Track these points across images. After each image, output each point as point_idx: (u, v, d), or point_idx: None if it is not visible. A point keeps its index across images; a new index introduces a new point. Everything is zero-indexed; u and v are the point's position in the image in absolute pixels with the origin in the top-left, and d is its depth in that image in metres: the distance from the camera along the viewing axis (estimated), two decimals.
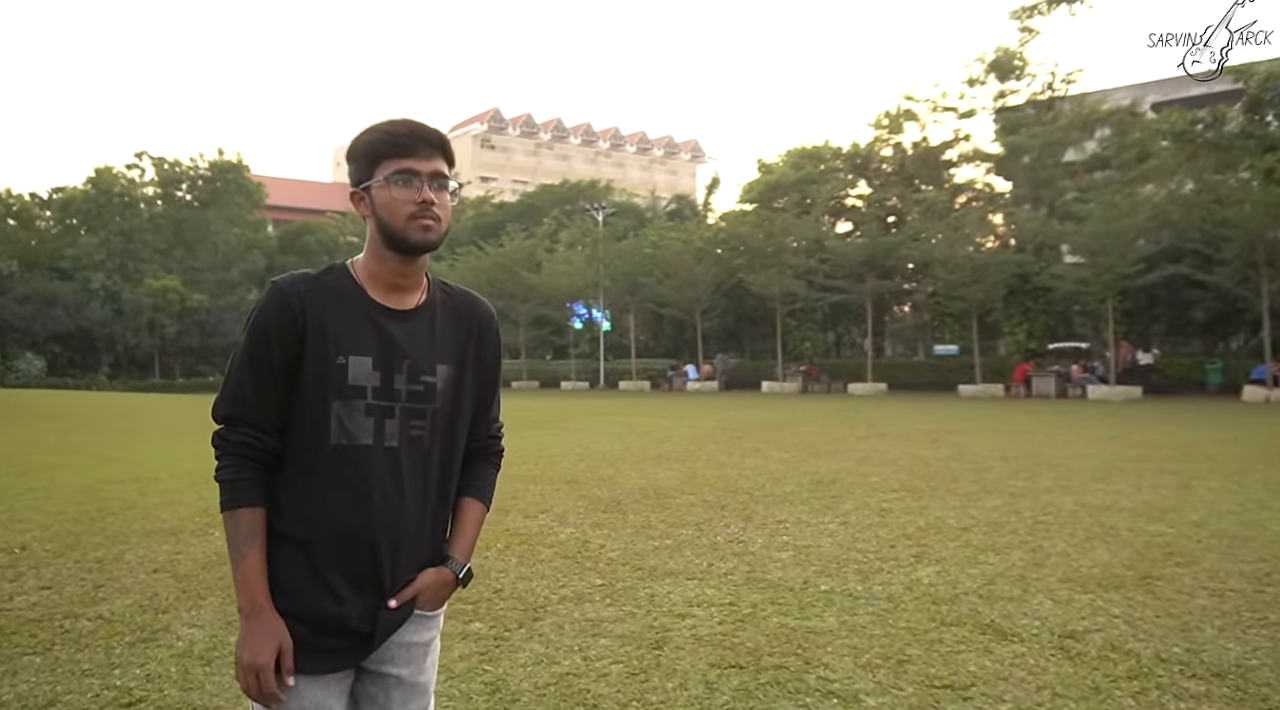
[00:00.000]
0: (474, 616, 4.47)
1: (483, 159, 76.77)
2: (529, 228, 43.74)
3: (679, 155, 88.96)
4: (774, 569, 5.38)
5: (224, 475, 1.58)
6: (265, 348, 1.58)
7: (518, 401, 27.83)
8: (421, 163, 1.59)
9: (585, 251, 40.07)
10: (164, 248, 42.36)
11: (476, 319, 1.77)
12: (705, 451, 11.85)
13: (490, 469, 1.88)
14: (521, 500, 7.89)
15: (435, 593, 1.69)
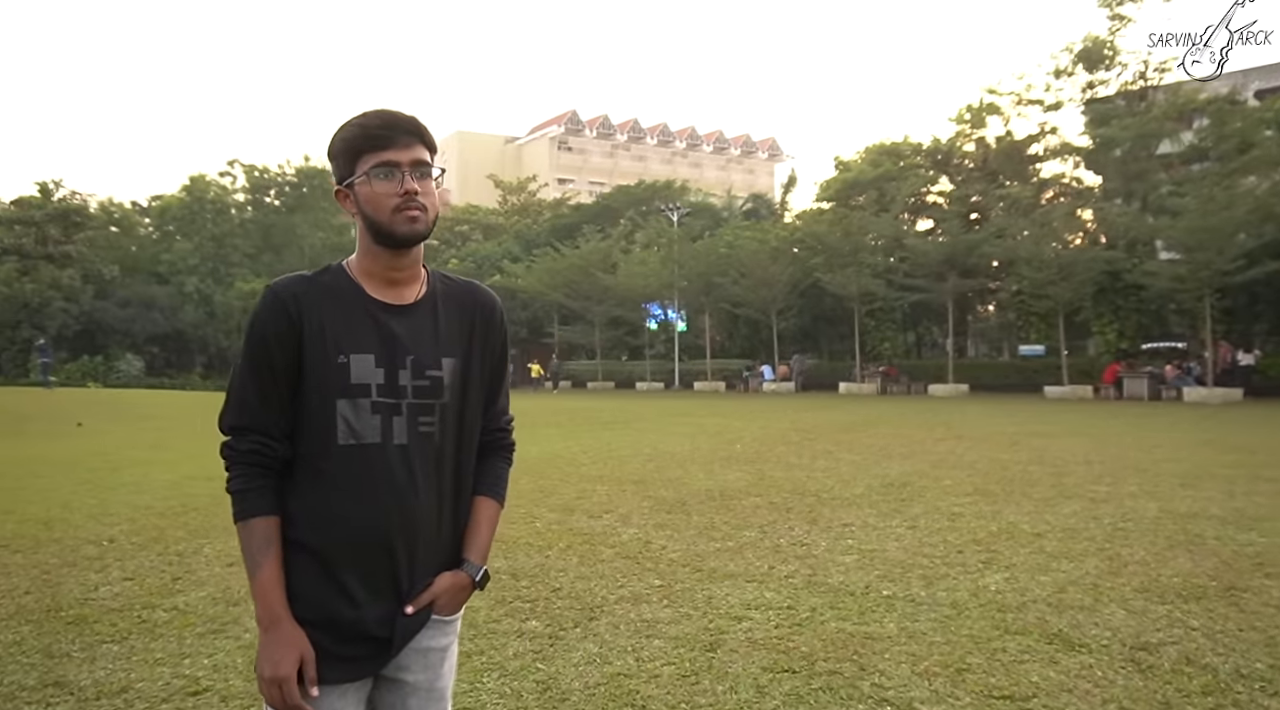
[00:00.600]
0: (531, 615, 4.51)
1: (560, 161, 77.51)
2: (604, 229, 44.02)
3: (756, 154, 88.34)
4: (835, 573, 5.29)
5: (235, 486, 1.56)
6: (265, 353, 1.56)
7: (591, 402, 28.04)
8: (400, 153, 1.56)
9: (660, 252, 40.12)
10: (253, 252, 43.95)
11: (480, 308, 1.72)
12: (775, 453, 11.74)
13: (502, 464, 1.83)
14: (587, 500, 7.93)
15: (452, 597, 1.65)
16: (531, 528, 6.68)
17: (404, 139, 1.57)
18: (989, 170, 35.70)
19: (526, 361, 44.67)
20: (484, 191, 64.28)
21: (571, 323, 43.65)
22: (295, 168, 43.98)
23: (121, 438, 14.93)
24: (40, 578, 5.26)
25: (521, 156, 78.40)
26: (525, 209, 59.13)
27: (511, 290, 43.25)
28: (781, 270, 34.18)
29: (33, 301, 36.59)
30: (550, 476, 9.51)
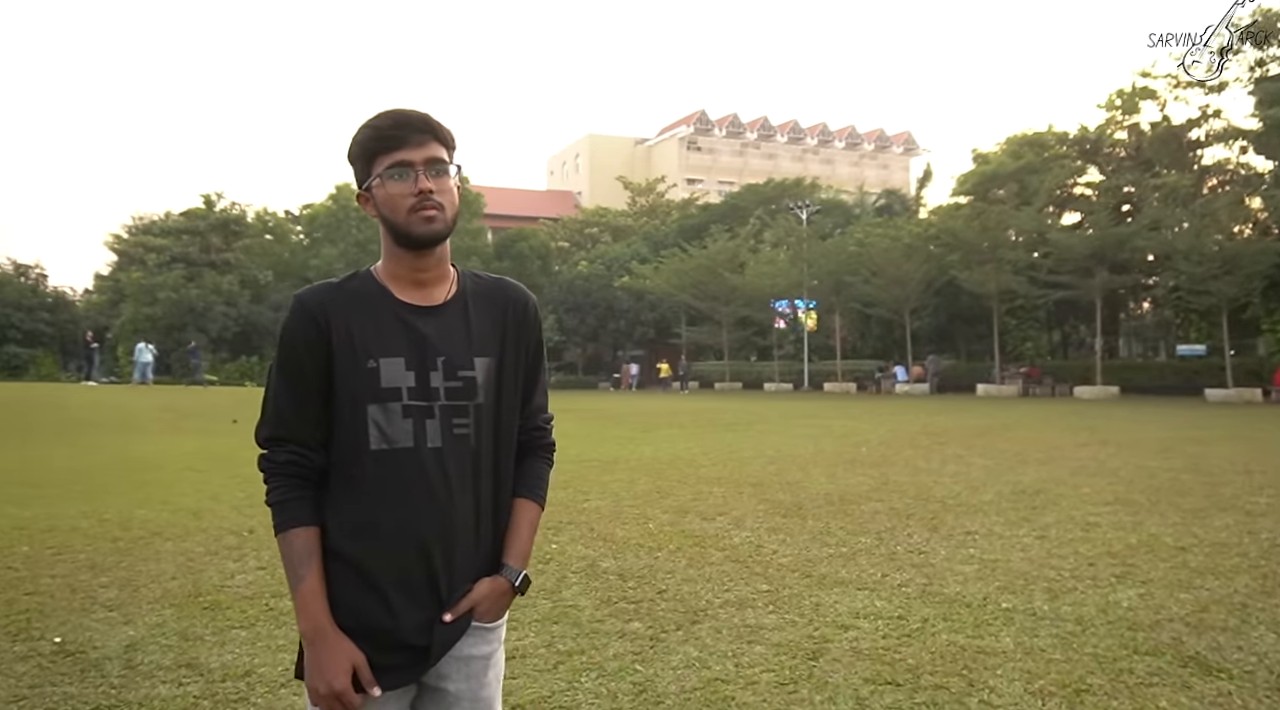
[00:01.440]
0: (634, 616, 4.52)
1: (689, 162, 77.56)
2: (732, 228, 43.82)
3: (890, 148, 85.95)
4: (953, 582, 5.08)
5: (274, 497, 1.56)
6: (296, 363, 1.56)
7: (716, 403, 27.93)
8: (413, 152, 1.53)
9: (789, 251, 39.64)
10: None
11: (512, 304, 1.68)
12: (902, 457, 11.38)
13: (541, 464, 1.77)
14: (703, 502, 7.89)
15: (493, 604, 1.62)
16: (644, 529, 6.71)
17: (416, 137, 1.54)
18: (1142, 159, 33.59)
19: (655, 362, 44.98)
20: (614, 193, 65.07)
21: (699, 323, 43.66)
22: None
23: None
24: (185, 564, 5.64)
25: (651, 158, 78.91)
26: (654, 210, 59.53)
27: (639, 291, 43.64)
28: (915, 268, 33.19)
29: (197, 305, 39.44)
30: (668, 478, 9.52)
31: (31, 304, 44.87)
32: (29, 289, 46.36)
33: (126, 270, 44.10)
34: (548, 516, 7.05)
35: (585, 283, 45.88)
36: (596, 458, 11.42)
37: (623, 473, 9.96)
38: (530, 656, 3.95)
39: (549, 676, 3.72)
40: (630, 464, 10.77)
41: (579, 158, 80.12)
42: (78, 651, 4.02)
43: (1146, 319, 38.15)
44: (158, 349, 36.81)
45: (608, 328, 46.41)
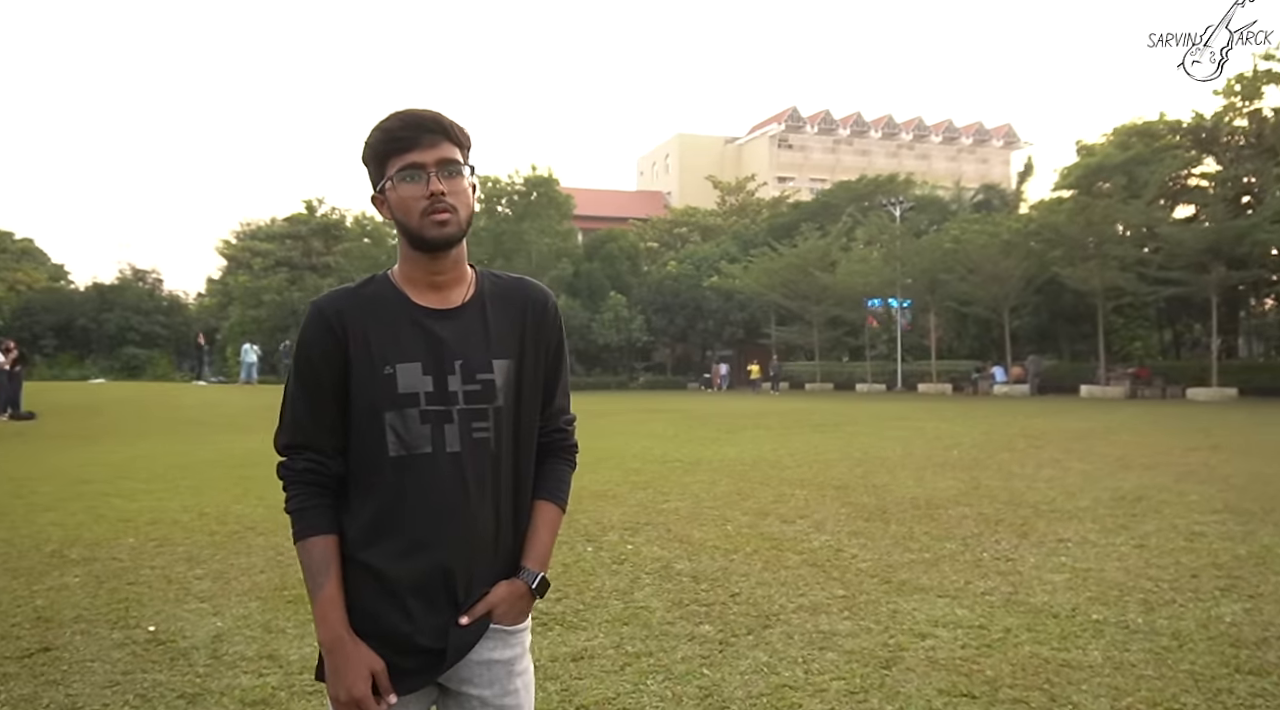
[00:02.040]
0: (705, 619, 4.47)
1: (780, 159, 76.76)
2: (823, 226, 43.15)
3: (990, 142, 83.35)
4: (1040, 592, 4.87)
5: (292, 506, 1.56)
6: (312, 371, 1.56)
7: (805, 404, 27.58)
8: (425, 153, 1.51)
9: (882, 249, 38.83)
10: (485, 259, 46.83)
11: (530, 303, 1.65)
12: (996, 460, 11.01)
13: (563, 466, 1.74)
14: (783, 505, 7.78)
15: (510, 606, 1.58)
16: (721, 531, 6.64)
17: (428, 138, 1.51)
18: (1265, 146, 31.62)
19: (746, 363, 44.65)
20: (703, 193, 64.90)
21: (789, 323, 43.16)
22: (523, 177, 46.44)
23: None
24: (274, 558, 5.83)
25: (741, 156, 78.40)
26: (743, 209, 59.12)
27: (728, 291, 43.38)
28: (1015, 265, 32.10)
29: (299, 308, 40.96)
30: (750, 479, 9.42)
31: (149, 307, 47.37)
32: (146, 293, 48.98)
33: (235, 274, 46.19)
34: (625, 517, 7.10)
35: (674, 283, 45.84)
36: (679, 459, 11.39)
37: (705, 474, 9.91)
38: (598, 657, 3.94)
39: (615, 678, 3.70)
40: (713, 465, 10.71)
41: (669, 158, 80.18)
42: (169, 640, 4.20)
43: (1269, 317, 36.00)
44: (262, 350, 38.43)
45: (696, 328, 46.26)
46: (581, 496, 8.23)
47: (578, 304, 45.28)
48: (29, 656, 3.99)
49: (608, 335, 45.11)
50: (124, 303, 46.54)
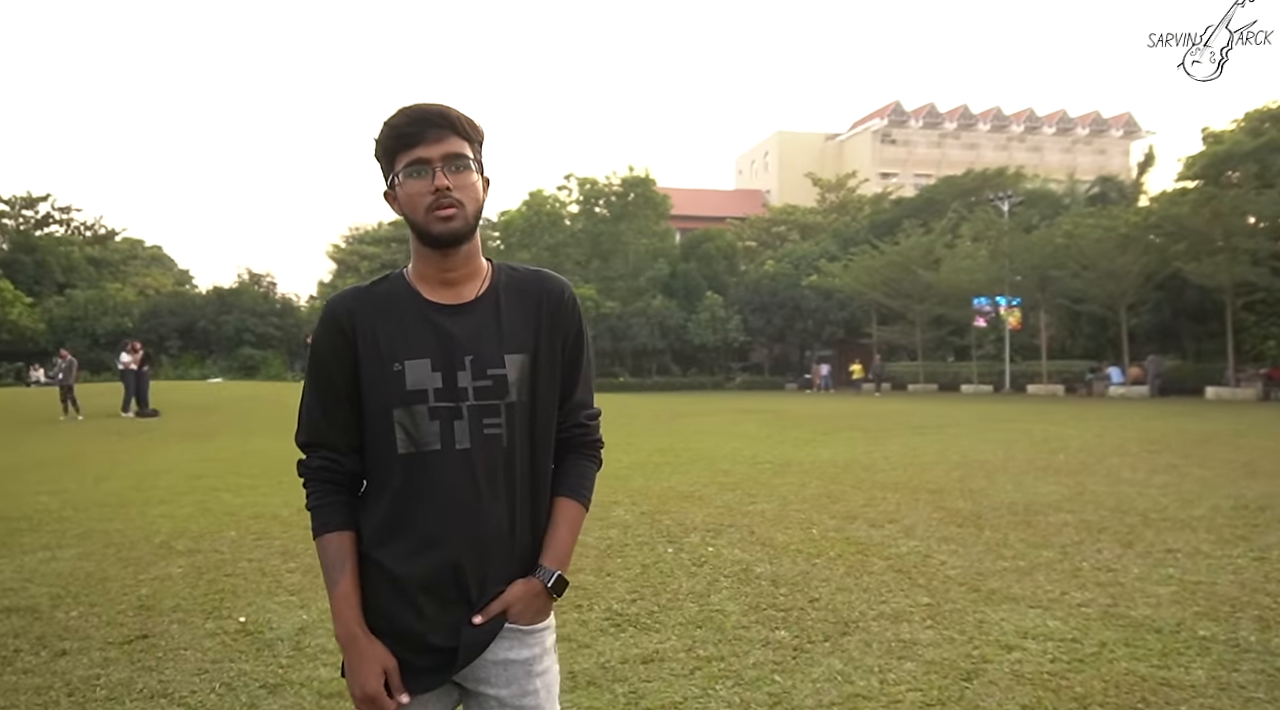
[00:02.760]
0: (781, 624, 4.38)
1: (883, 155, 75.13)
2: (927, 223, 41.99)
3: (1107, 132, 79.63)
4: (1142, 605, 4.59)
5: (310, 502, 1.57)
6: (324, 369, 1.57)
7: (906, 405, 26.90)
8: (430, 148, 1.49)
9: (989, 245, 37.53)
10: (583, 260, 47.44)
11: (546, 295, 1.61)
12: (1105, 465, 10.48)
13: (585, 462, 1.70)
14: (874, 508, 7.58)
15: (526, 605, 1.56)
16: (806, 534, 6.51)
17: (433, 133, 1.50)
18: None
19: (846, 363, 43.87)
20: (803, 191, 64.06)
21: (890, 322, 42.19)
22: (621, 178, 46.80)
23: None
24: None
25: (842, 153, 77.07)
26: (844, 206, 58.10)
27: (828, 290, 42.70)
28: (1133, 260, 30.56)
29: None
30: (842, 482, 9.22)
31: (263, 310, 49.63)
32: (261, 296, 51.33)
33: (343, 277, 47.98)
34: (709, 518, 7.03)
35: (772, 282, 45.38)
36: (770, 460, 11.24)
37: (794, 476, 9.74)
38: (669, 660, 3.90)
39: (684, 682, 3.66)
40: (804, 467, 10.52)
41: (768, 156, 79.47)
42: (257, 631, 4.35)
43: None
44: None
45: (795, 327, 45.69)
46: (667, 497, 8.20)
47: (674, 304, 45.34)
48: (129, 643, 4.19)
49: (704, 335, 45.02)
50: (241, 305, 48.90)
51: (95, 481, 9.85)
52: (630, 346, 45.25)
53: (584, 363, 1.68)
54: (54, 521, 7.21)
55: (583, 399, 1.69)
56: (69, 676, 3.76)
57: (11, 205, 45.86)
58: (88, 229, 48.21)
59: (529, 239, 46.42)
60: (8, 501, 8.37)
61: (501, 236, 48.69)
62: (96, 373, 35.87)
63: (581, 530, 1.70)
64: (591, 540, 6.34)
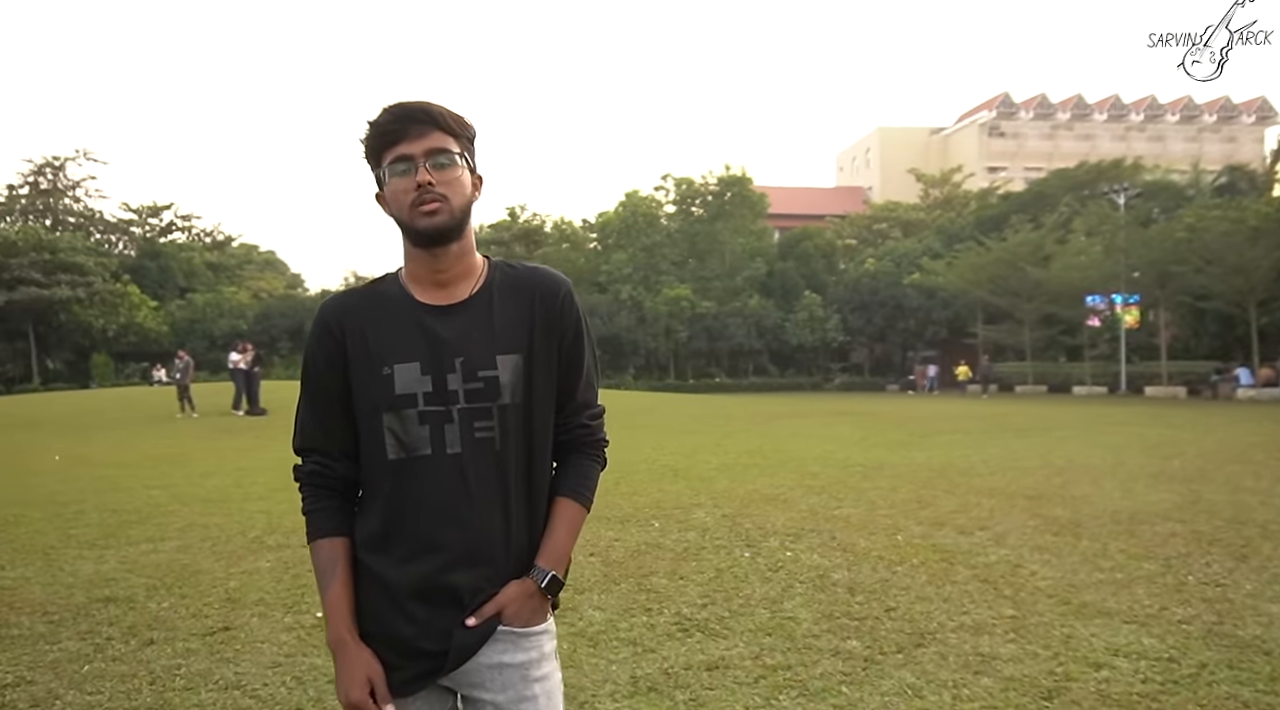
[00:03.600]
0: (854, 633, 4.23)
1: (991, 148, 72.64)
2: (1036, 218, 40.39)
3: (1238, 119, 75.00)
4: (1252, 623, 4.26)
5: (304, 507, 1.57)
6: (316, 374, 1.56)
7: (1012, 407, 25.92)
8: (413, 144, 1.47)
9: (1103, 240, 35.84)
10: (679, 260, 47.41)
11: (541, 293, 1.57)
12: (1224, 472, 9.82)
13: (586, 462, 1.65)
14: (965, 514, 7.29)
15: (520, 606, 1.51)
16: (890, 540, 6.30)
17: (415, 129, 1.47)
18: None
19: (952, 363, 42.60)
20: (906, 187, 62.52)
21: (997, 321, 40.74)
22: (717, 177, 46.59)
23: None
24: None
25: (947, 147, 74.87)
26: (948, 202, 56.44)
27: (931, 288, 41.55)
28: (1264, 254, 28.74)
29: None
30: (934, 487, 8.91)
31: None
32: None
33: None
34: (791, 522, 6.89)
35: (872, 281, 44.42)
36: (861, 463, 10.96)
37: (885, 480, 9.47)
38: (733, 668, 3.81)
39: (747, 690, 3.56)
40: (896, 470, 10.22)
41: (869, 152, 77.89)
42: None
43: None
44: None
45: (896, 327, 44.61)
46: (751, 500, 8.08)
47: (771, 304, 44.88)
48: (211, 634, 4.34)
49: (801, 335, 44.41)
50: None
51: (201, 477, 10.33)
52: (726, 347, 45.00)
53: (584, 362, 1.64)
54: (160, 515, 7.59)
55: (585, 399, 1.64)
56: (153, 666, 3.92)
57: (139, 214, 48.74)
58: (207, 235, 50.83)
59: (625, 240, 46.66)
60: (122, 496, 8.85)
61: (598, 238, 49.11)
62: (215, 373, 37.76)
63: (665, 540, 1.67)
64: (669, 542, 6.29)
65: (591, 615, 4.59)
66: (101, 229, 48.03)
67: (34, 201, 46.18)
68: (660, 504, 7.92)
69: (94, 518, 7.47)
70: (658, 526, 6.89)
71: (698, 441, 14.41)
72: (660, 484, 9.26)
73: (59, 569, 5.68)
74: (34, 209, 46.13)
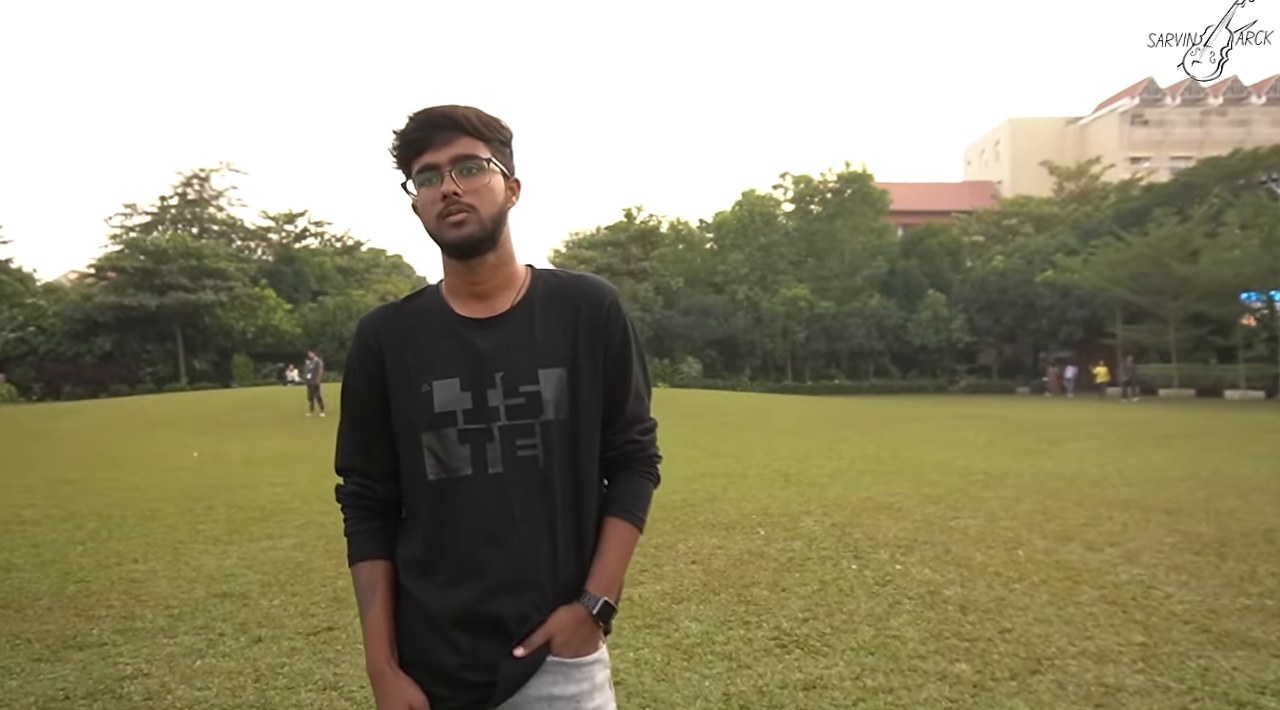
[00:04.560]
0: (964, 656, 3.98)
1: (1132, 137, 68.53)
2: (1183, 210, 37.86)
3: None
4: None
5: (345, 529, 1.54)
6: (356, 392, 1.52)
7: (1155, 412, 24.37)
8: (439, 152, 1.40)
9: (1261, 233, 33.28)
10: (797, 259, 46.61)
11: (584, 303, 1.49)
12: None
13: (638, 479, 1.57)
14: (1094, 528, 6.83)
15: (571, 635, 1.44)
16: (1009, 555, 5.94)
17: (441, 136, 1.40)
18: None
19: (1089, 365, 40.43)
20: (1038, 181, 59.73)
21: (1139, 320, 38.37)
22: (836, 174, 45.61)
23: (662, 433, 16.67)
24: None
25: (1084, 138, 71.04)
26: (1085, 195, 53.54)
27: (1065, 286, 39.54)
28: None
29: None
30: (1062, 498, 8.40)
31: None
32: None
33: None
34: (903, 533, 6.61)
35: (1001, 279, 42.54)
36: (983, 471, 10.46)
37: (1008, 489, 8.99)
38: (832, 689, 3.65)
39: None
40: (1021, 479, 9.70)
41: (999, 145, 74.76)
42: None
43: None
44: None
45: (1027, 327, 42.58)
46: (862, 509, 7.80)
47: (892, 303, 43.64)
48: (315, 634, 4.45)
49: (925, 336, 42.99)
50: None
51: (322, 476, 10.73)
52: (845, 348, 43.99)
53: (632, 374, 1.55)
54: (281, 512, 7.91)
55: (634, 413, 1.56)
56: (258, 663, 4.04)
57: (276, 221, 51.41)
58: (338, 241, 53.15)
59: (741, 240, 46.22)
60: (248, 493, 9.29)
61: (714, 238, 48.84)
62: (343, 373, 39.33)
63: (770, 549, 1.57)
64: (774, 552, 6.12)
65: (688, 626, 4.48)
66: (242, 236, 50.84)
67: (183, 211, 49.31)
68: (768, 511, 7.74)
69: (221, 513, 7.85)
70: (763, 534, 6.72)
71: (811, 445, 14.09)
72: (770, 490, 9.06)
73: (184, 563, 5.97)
74: (182, 218, 49.27)
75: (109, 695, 3.67)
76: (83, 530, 7.18)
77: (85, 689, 3.73)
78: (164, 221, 48.94)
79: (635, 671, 3.88)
